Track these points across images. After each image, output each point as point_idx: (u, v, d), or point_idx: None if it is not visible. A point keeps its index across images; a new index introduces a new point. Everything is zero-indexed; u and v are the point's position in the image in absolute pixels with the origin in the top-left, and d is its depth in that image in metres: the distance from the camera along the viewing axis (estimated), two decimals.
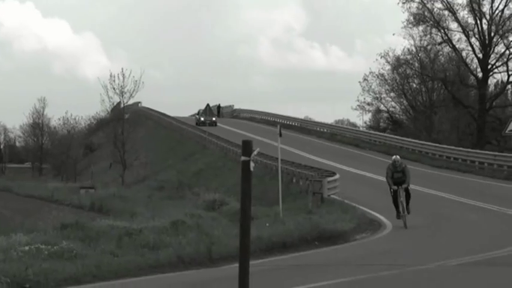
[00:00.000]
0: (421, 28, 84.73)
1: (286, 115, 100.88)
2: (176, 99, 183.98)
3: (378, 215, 36.70)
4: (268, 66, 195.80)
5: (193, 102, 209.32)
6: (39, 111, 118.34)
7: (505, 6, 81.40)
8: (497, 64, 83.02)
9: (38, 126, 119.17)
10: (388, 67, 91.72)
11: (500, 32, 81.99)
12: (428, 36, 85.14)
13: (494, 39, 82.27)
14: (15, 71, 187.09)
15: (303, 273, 19.99)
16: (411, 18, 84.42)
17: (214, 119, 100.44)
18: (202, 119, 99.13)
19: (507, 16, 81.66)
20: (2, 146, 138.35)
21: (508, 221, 33.81)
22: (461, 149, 67.54)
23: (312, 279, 18.29)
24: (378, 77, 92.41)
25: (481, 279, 18.53)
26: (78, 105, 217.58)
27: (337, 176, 46.12)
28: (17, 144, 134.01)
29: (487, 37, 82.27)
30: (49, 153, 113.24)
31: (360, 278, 18.84)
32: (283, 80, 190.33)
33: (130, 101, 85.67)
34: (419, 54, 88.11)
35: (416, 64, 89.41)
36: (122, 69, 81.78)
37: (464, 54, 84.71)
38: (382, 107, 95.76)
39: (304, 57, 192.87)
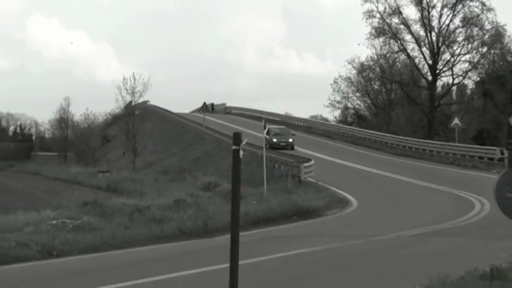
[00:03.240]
0: (381, 39, 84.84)
1: (270, 111, 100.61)
2: (176, 97, 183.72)
3: (346, 194, 36.70)
4: (253, 70, 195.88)
5: (191, 99, 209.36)
6: (65, 108, 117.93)
7: (450, 21, 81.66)
8: (444, 69, 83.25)
9: (63, 120, 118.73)
10: (354, 71, 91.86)
11: (446, 42, 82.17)
12: (387, 46, 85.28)
13: (442, 49, 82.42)
14: (44, 74, 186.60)
15: (284, 243, 19.99)
16: (373, 31, 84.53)
17: (291, 140, 65.70)
18: (275, 140, 65.39)
19: (452, 30, 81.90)
20: (34, 137, 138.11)
21: (453, 199, 33.88)
22: (415, 139, 67.70)
23: (292, 248, 18.28)
24: (345, 79, 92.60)
25: (430, 246, 18.58)
26: (97, 103, 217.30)
27: (312, 162, 46.13)
28: (46, 135, 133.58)
29: (435, 47, 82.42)
30: (72, 143, 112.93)
31: (332, 247, 18.86)
32: (266, 82, 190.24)
33: (140, 100, 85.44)
34: (380, 61, 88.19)
35: (378, 69, 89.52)
36: (133, 73, 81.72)
37: (417, 61, 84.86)
38: (349, 105, 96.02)
39: (283, 63, 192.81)
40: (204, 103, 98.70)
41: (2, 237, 18.09)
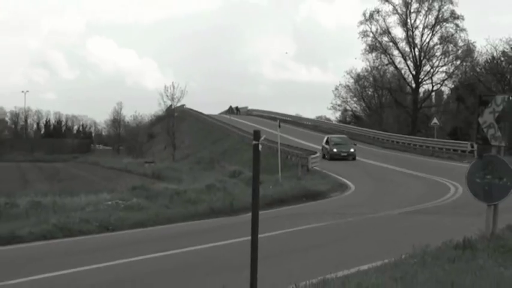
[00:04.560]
0: (374, 54, 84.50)
1: (283, 113, 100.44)
2: (207, 101, 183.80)
3: (345, 180, 36.64)
4: (270, 79, 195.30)
5: (219, 103, 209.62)
6: (118, 111, 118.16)
7: (430, 39, 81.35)
8: (425, 78, 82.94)
9: (116, 121, 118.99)
10: (351, 80, 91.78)
11: (427, 57, 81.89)
12: (379, 59, 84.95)
13: (423, 62, 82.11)
14: (102, 83, 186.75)
15: (295, 219, 19.99)
16: (367, 47, 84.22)
17: (352, 150, 50.94)
18: (335, 150, 50.62)
19: (431, 46, 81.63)
20: (93, 134, 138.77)
21: (433, 184, 33.76)
22: (401, 135, 67.55)
23: (301, 224, 18.29)
24: (345, 87, 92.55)
25: (414, 222, 18.54)
26: (143, 107, 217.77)
27: (317, 154, 46.12)
28: (103, 133, 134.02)
29: (418, 60, 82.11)
30: (124, 139, 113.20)
31: (335, 222, 18.85)
32: (280, 88, 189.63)
33: (178, 104, 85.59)
34: (373, 72, 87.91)
35: (371, 78, 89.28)
36: (173, 82, 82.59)
37: (403, 71, 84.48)
38: (348, 107, 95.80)
39: (294, 74, 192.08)
40: (230, 106, 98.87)
41: (68, 215, 18.23)
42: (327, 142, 52.52)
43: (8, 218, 17.80)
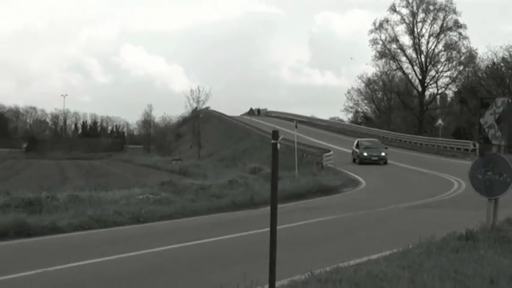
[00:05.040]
0: (383, 60, 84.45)
1: (300, 114, 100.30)
2: (230, 104, 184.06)
3: (357, 176, 36.52)
4: (288, 83, 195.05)
5: (241, 105, 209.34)
6: (148, 113, 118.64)
7: (435, 46, 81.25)
8: (430, 82, 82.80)
9: (147, 122, 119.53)
10: (363, 84, 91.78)
11: (432, 62, 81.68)
12: (388, 65, 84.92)
13: (429, 67, 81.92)
14: (133, 87, 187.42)
15: (310, 212, 19.98)
16: (377, 54, 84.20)
17: (383, 154, 45.41)
18: (365, 154, 45.38)
19: (436, 53, 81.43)
20: (125, 134, 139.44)
21: (438, 180, 33.58)
22: (408, 135, 67.30)
23: (316, 216, 18.28)
24: (356, 90, 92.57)
25: (420, 215, 18.47)
26: (171, 109, 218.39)
27: (331, 152, 46.00)
28: (135, 133, 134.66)
29: (424, 66, 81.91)
30: (153, 139, 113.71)
31: (347, 215, 18.82)
32: (297, 92, 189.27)
33: (203, 106, 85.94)
34: (382, 76, 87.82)
35: (380, 82, 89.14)
36: (198, 86, 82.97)
37: (410, 76, 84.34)
38: (359, 109, 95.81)
39: (310, 78, 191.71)
40: (251, 108, 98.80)
41: (103, 208, 18.35)
42: (357, 146, 47.11)
43: (49, 210, 17.94)
